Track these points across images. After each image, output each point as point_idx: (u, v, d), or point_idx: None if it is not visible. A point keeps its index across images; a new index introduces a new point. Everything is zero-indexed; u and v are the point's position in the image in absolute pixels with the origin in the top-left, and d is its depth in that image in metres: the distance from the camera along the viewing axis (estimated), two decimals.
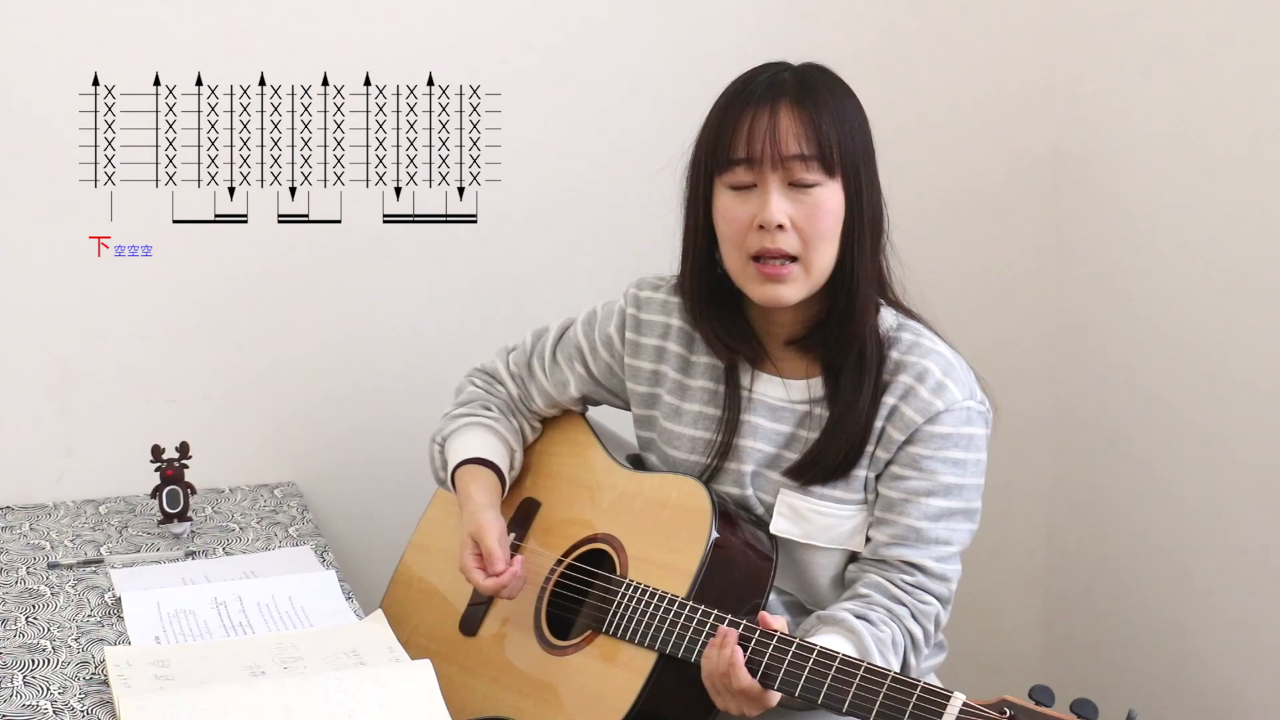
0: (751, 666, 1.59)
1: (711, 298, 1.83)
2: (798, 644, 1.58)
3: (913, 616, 1.73)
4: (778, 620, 1.61)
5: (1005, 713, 1.40)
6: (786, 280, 1.73)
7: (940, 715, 1.44)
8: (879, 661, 1.65)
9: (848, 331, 1.76)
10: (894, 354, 1.77)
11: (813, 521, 1.78)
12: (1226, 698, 2.35)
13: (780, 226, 1.70)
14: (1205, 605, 2.37)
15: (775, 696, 1.60)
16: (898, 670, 1.66)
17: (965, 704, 1.43)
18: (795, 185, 1.71)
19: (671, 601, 1.71)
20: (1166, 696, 2.45)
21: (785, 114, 1.71)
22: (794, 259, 1.72)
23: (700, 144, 1.79)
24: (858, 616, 1.70)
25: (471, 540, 1.85)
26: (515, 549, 1.94)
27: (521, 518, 1.98)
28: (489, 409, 2.00)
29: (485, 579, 1.81)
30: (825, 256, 1.73)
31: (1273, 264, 2.20)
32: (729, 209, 1.74)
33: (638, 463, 1.95)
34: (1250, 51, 2.21)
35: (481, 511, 1.87)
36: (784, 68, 1.77)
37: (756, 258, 1.73)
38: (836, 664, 1.55)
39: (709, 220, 1.78)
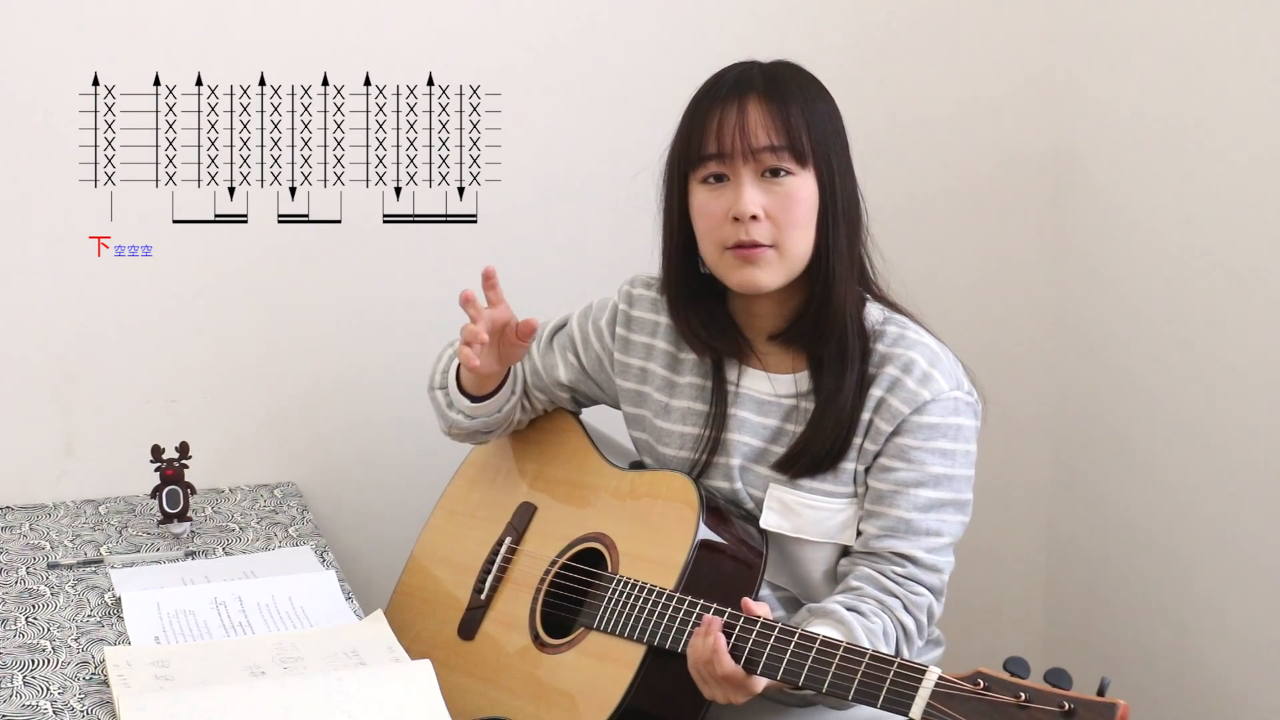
0: (735, 653, 1.60)
1: (693, 295, 1.84)
2: (780, 628, 1.59)
3: (904, 608, 1.73)
4: (760, 606, 1.62)
5: (979, 683, 1.41)
6: (761, 263, 1.74)
7: (916, 688, 1.45)
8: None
9: (826, 320, 1.77)
10: (879, 346, 1.79)
11: (802, 515, 1.79)
12: (1227, 694, 2.35)
13: (754, 217, 1.73)
14: (1205, 603, 2.37)
15: (759, 683, 1.60)
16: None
17: (941, 677, 1.44)
18: (767, 176, 1.73)
19: (659, 594, 1.72)
20: (1167, 693, 2.45)
21: (754, 107, 1.74)
22: (771, 247, 1.74)
23: (674, 144, 1.82)
24: (848, 608, 1.70)
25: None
26: (512, 553, 1.95)
27: (518, 521, 1.98)
28: None
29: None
30: (800, 244, 1.75)
31: (1271, 262, 2.20)
32: (704, 204, 1.77)
33: (637, 465, 1.96)
34: (1250, 49, 2.21)
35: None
36: (752, 65, 1.80)
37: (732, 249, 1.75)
38: (816, 645, 1.55)
39: (685, 218, 1.80)
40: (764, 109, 1.74)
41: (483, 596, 1.94)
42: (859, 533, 1.79)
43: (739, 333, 1.85)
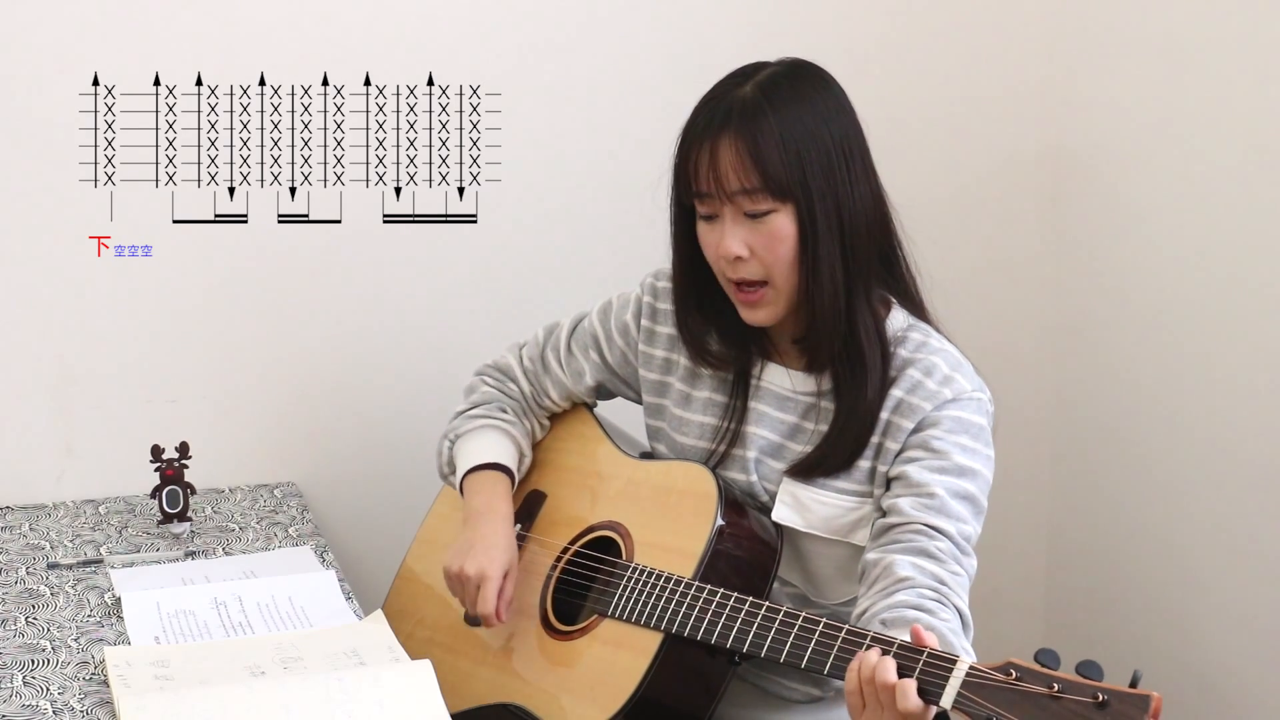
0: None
1: (702, 312, 1.84)
2: (803, 617, 1.58)
3: (955, 593, 1.66)
4: (929, 636, 1.52)
5: (1011, 673, 1.40)
6: (761, 304, 1.75)
7: (947, 678, 1.44)
8: (959, 652, 1.58)
9: (828, 335, 1.75)
10: (902, 352, 1.77)
11: (814, 511, 1.78)
12: (1227, 692, 2.35)
13: (740, 257, 1.72)
14: (1206, 600, 2.38)
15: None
16: (969, 648, 1.62)
17: (972, 667, 1.43)
18: (750, 216, 1.71)
19: (678, 583, 1.71)
20: (1167, 690, 2.42)
21: (725, 148, 1.69)
22: (765, 282, 1.74)
23: (673, 169, 1.78)
24: (916, 609, 1.62)
25: (473, 576, 1.83)
26: (522, 540, 1.94)
27: (528, 509, 1.98)
28: (504, 411, 2.01)
29: (472, 608, 1.84)
30: (792, 277, 1.73)
31: (1270, 261, 2.20)
32: (703, 236, 1.77)
33: (648, 457, 1.96)
34: (1249, 49, 2.21)
35: (489, 550, 1.85)
36: (742, 83, 1.73)
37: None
38: (843, 635, 1.54)
39: (691, 242, 1.79)
40: (735, 149, 1.68)
41: None
42: (884, 512, 1.73)
43: (764, 333, 1.84)
